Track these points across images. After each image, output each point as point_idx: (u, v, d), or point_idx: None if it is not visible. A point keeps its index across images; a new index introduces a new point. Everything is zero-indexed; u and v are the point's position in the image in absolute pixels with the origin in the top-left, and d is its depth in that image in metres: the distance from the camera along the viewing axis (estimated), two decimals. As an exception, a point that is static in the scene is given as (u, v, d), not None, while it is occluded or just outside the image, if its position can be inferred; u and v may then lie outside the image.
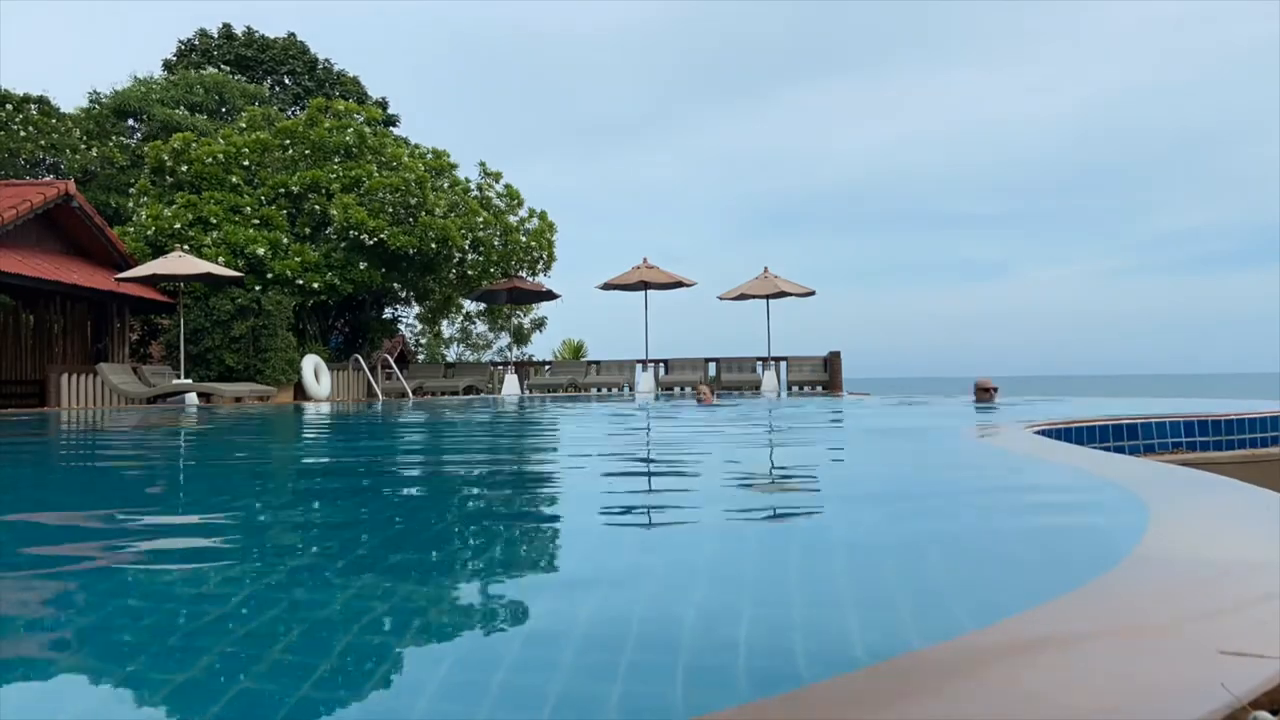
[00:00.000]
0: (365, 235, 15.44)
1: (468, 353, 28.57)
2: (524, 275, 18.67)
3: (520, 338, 25.11)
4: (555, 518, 2.82)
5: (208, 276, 13.21)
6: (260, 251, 15.19)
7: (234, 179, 16.17)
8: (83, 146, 18.91)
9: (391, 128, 24.08)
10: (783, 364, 16.57)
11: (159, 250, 14.96)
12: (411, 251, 15.71)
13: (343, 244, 15.84)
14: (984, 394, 9.19)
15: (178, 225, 15.23)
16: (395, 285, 17.92)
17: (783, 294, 16.42)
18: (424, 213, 15.95)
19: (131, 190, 17.12)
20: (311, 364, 15.06)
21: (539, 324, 25.77)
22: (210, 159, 16.12)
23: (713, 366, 16.83)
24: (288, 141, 16.90)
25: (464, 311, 22.64)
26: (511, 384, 16.33)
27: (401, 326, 23.80)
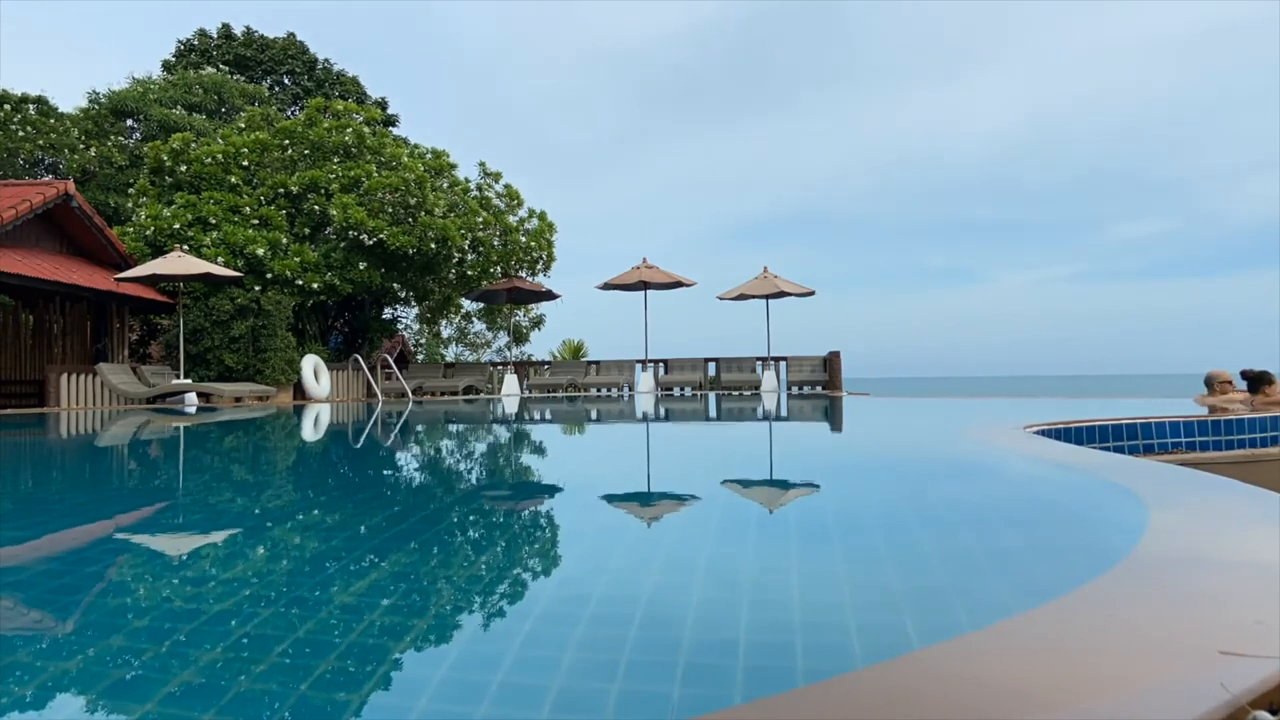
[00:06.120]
0: (365, 235, 15.43)
1: (466, 352, 28.57)
2: (524, 275, 18.67)
3: (519, 337, 25.10)
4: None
5: (207, 276, 13.21)
6: (260, 251, 15.19)
7: (233, 179, 16.17)
8: (81, 146, 18.91)
9: (391, 128, 24.08)
10: (782, 364, 16.57)
11: (158, 250, 14.96)
12: (411, 251, 15.70)
13: (342, 244, 15.84)
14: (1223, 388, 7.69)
15: (177, 225, 15.23)
16: (395, 285, 17.91)
17: (782, 294, 16.42)
18: (423, 213, 15.94)
19: (131, 190, 17.12)
20: (311, 364, 15.06)
21: (537, 323, 25.76)
22: (209, 159, 16.12)
23: (712, 366, 16.84)
24: (287, 141, 16.89)
25: (462, 311, 22.65)
26: (511, 384, 16.32)
27: (401, 326, 23.80)
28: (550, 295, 18.00)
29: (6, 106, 18.36)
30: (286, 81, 26.54)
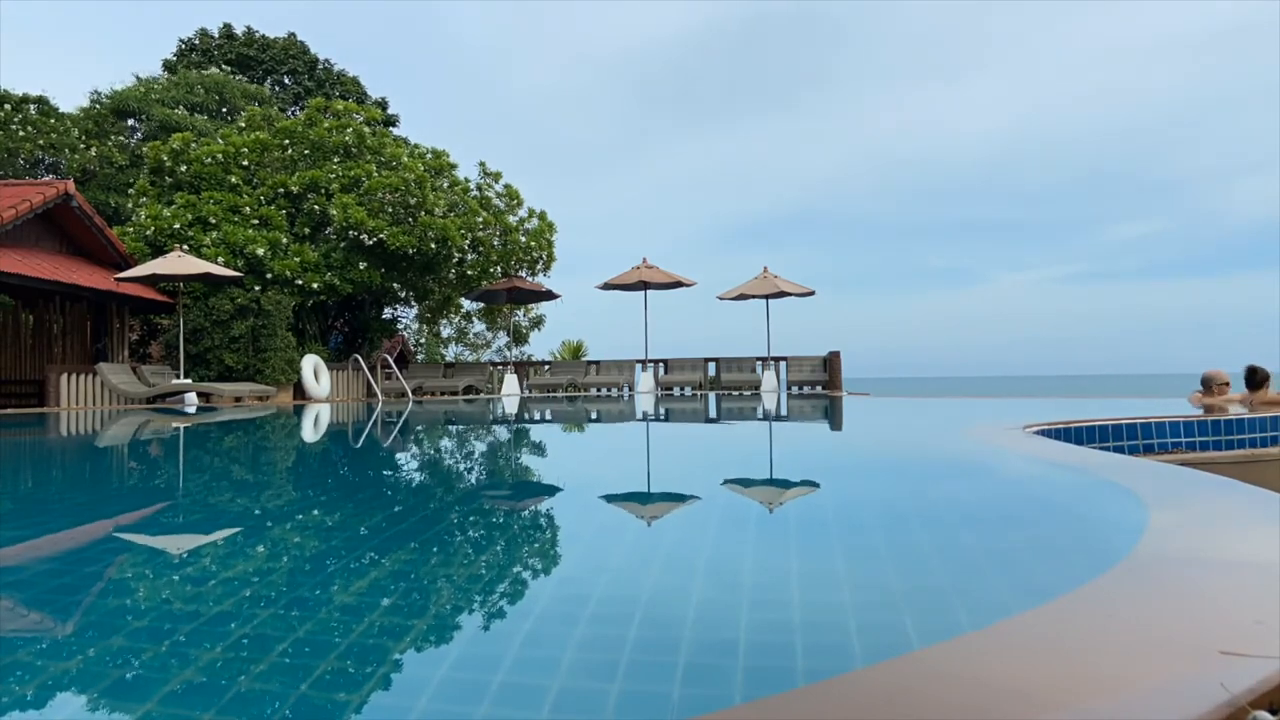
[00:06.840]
0: (365, 235, 15.43)
1: (466, 352, 28.58)
2: (524, 275, 18.67)
3: (518, 337, 25.09)
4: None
5: (207, 276, 13.21)
6: (260, 251, 15.19)
7: (233, 179, 16.17)
8: (82, 146, 18.92)
9: (391, 128, 24.09)
10: (782, 364, 16.57)
11: (158, 250, 14.96)
12: (411, 251, 15.70)
13: (342, 244, 15.84)
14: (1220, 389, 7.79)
15: (177, 225, 15.23)
16: (395, 285, 17.91)
17: (782, 294, 16.42)
18: (423, 212, 15.94)
19: (131, 190, 17.12)
20: (311, 364, 15.06)
21: (537, 322, 25.76)
22: (209, 159, 16.12)
23: (712, 366, 16.84)
24: (287, 141, 16.89)
25: (462, 311, 22.67)
26: (511, 384, 16.32)
27: (401, 326, 23.80)
28: (550, 295, 18.00)
29: (7, 106, 18.36)
30: (287, 81, 26.55)
